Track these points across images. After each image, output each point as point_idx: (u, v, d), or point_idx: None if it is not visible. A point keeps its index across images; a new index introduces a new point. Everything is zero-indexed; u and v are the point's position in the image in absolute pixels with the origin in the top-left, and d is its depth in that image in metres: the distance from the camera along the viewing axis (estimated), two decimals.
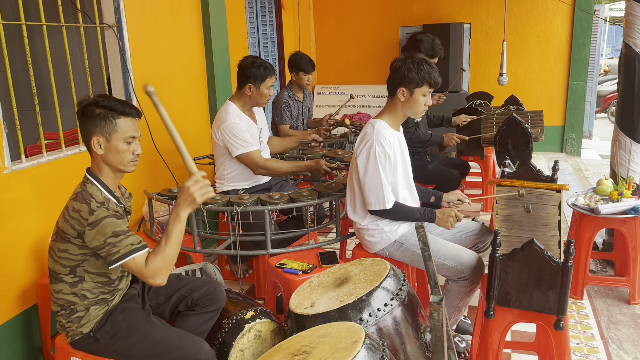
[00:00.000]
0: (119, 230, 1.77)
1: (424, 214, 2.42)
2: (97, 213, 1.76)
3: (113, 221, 1.77)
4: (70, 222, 1.79)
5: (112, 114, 1.83)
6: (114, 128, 1.83)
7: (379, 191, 2.38)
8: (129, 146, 1.87)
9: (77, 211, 1.78)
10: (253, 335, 2.03)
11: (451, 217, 2.39)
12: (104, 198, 1.83)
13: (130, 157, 1.88)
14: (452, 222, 2.39)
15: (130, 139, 1.87)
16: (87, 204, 1.77)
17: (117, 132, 1.84)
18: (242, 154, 3.01)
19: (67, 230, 1.80)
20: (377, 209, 2.41)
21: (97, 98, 1.85)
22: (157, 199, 2.81)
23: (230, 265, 3.44)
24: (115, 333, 1.87)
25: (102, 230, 1.75)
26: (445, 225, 2.41)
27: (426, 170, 3.71)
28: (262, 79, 3.02)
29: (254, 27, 5.36)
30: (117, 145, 1.84)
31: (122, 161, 1.87)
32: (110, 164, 1.87)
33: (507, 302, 2.04)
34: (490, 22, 6.57)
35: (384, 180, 2.36)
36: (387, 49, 6.83)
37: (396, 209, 2.41)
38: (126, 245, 1.76)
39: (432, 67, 2.39)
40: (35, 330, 2.56)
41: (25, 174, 2.48)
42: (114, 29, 3.06)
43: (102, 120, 1.82)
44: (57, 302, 1.90)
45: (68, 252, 1.83)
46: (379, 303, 1.82)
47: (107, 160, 1.87)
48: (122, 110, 1.85)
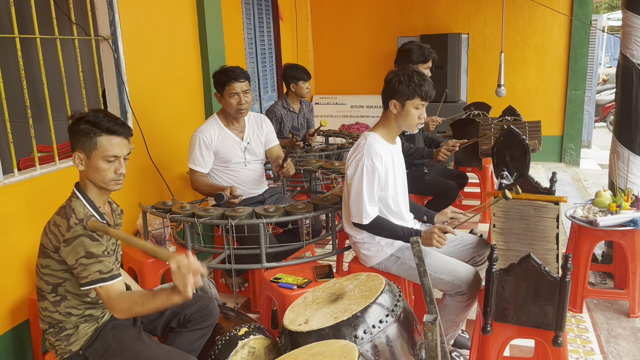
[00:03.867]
0: (92, 252, 1.74)
1: (407, 233, 2.34)
2: (73, 230, 1.73)
3: (87, 242, 1.74)
4: (49, 236, 1.77)
5: (95, 131, 1.79)
6: (93, 145, 1.80)
7: (360, 204, 2.35)
8: (109, 165, 1.82)
9: (57, 226, 1.76)
10: (247, 352, 2.00)
11: (435, 234, 2.25)
12: (85, 214, 1.79)
13: (111, 176, 1.83)
14: (437, 240, 2.26)
15: (112, 158, 1.82)
16: (66, 220, 1.75)
17: (96, 150, 1.80)
18: (189, 166, 3.05)
19: (47, 245, 1.79)
20: (355, 221, 2.39)
21: (87, 113, 1.83)
22: (152, 212, 2.78)
23: (226, 278, 3.40)
24: (105, 351, 1.84)
25: (75, 248, 1.73)
26: (430, 244, 2.28)
27: (423, 181, 3.69)
28: (222, 86, 2.98)
29: (251, 38, 5.36)
30: (96, 163, 1.81)
31: (103, 179, 1.83)
32: (91, 181, 1.85)
33: (505, 318, 2.01)
34: (487, 32, 6.57)
35: (365, 195, 2.33)
36: (385, 59, 6.83)
37: (375, 225, 2.36)
38: (94, 272, 1.73)
39: (423, 79, 2.35)
40: (26, 346, 2.52)
41: (17, 188, 2.46)
42: (109, 41, 3.04)
43: (83, 136, 1.79)
44: (44, 319, 1.87)
45: (50, 268, 1.81)
46: (374, 320, 1.79)
47: (88, 176, 1.84)
48: (107, 128, 1.80)
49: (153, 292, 1.74)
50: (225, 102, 3.02)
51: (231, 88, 2.97)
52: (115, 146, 1.82)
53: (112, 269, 1.77)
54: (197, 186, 3.05)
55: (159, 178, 3.42)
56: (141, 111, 3.28)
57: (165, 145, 3.58)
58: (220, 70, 3.01)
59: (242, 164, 3.13)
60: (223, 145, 3.05)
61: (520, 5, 6.35)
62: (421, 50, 3.57)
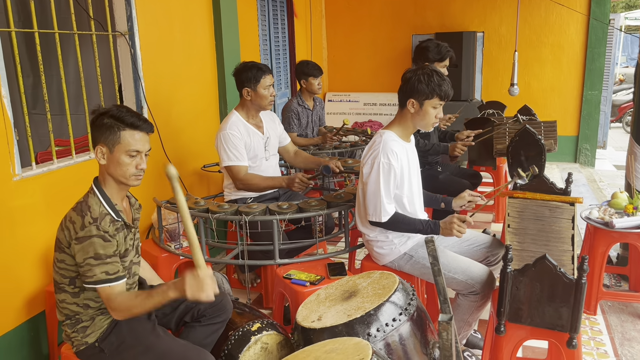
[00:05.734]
0: (101, 253, 1.75)
1: (426, 225, 2.36)
2: (87, 230, 1.75)
3: (99, 242, 1.75)
4: (64, 231, 1.80)
5: (119, 125, 1.81)
6: (117, 139, 1.82)
7: (377, 203, 2.34)
8: (132, 160, 1.84)
9: (72, 222, 1.78)
10: (259, 347, 2.01)
11: (455, 224, 2.28)
12: (100, 213, 1.80)
13: (132, 171, 1.85)
14: (457, 229, 2.28)
15: (134, 153, 1.84)
16: (81, 217, 1.77)
17: (120, 144, 1.82)
18: (228, 165, 3.01)
19: (62, 240, 1.81)
20: (373, 220, 2.38)
21: (110, 107, 1.85)
22: (166, 206, 2.80)
23: (239, 274, 3.42)
24: (120, 344, 1.86)
25: (85, 248, 1.74)
26: (450, 234, 2.30)
27: (437, 180, 3.67)
28: (256, 80, 3.01)
29: (265, 35, 5.37)
30: (118, 157, 1.82)
31: (124, 174, 1.84)
32: (112, 176, 1.86)
33: (519, 319, 2.00)
34: (503, 31, 6.52)
35: (382, 193, 2.33)
36: (399, 57, 6.81)
37: (394, 221, 2.36)
38: (101, 273, 1.75)
39: (442, 79, 2.35)
40: (42, 337, 2.55)
41: (35, 181, 2.49)
42: (126, 36, 3.07)
43: (107, 130, 1.81)
44: (62, 311, 1.90)
45: (65, 263, 1.83)
46: (387, 318, 1.79)
47: (109, 171, 1.85)
48: (131, 122, 1.82)
49: (149, 292, 1.77)
50: (257, 96, 3.03)
51: (266, 80, 3.02)
52: (137, 141, 1.84)
53: (118, 271, 1.79)
54: (251, 181, 3.01)
55: None
56: (157, 107, 3.31)
57: (180, 142, 3.60)
58: (249, 66, 3.03)
59: (264, 159, 3.15)
60: (251, 139, 3.07)
61: (537, 3, 6.29)
62: (438, 48, 3.55)
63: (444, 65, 3.66)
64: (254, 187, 3.04)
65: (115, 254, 1.81)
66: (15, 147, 2.37)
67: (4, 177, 2.33)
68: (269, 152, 3.19)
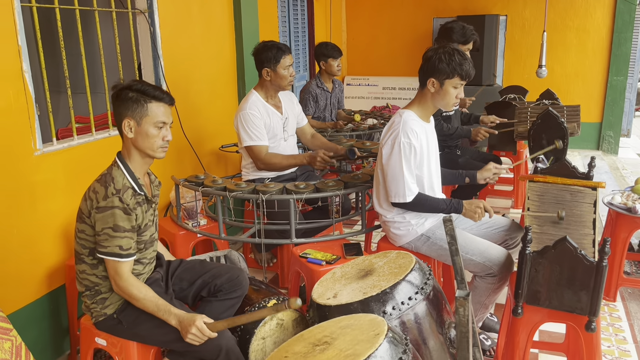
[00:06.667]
0: (120, 225, 1.79)
1: (449, 205, 2.35)
2: (109, 200, 1.77)
3: (120, 214, 1.78)
4: (86, 201, 1.83)
5: (144, 98, 1.84)
6: (145, 112, 1.84)
7: (400, 183, 2.32)
8: (159, 131, 1.87)
9: (95, 192, 1.81)
10: (275, 323, 2.02)
11: (479, 208, 2.31)
12: (123, 185, 1.83)
13: (159, 143, 1.88)
14: (479, 214, 2.31)
15: (161, 124, 1.87)
16: (105, 188, 1.79)
17: (147, 116, 1.84)
18: (248, 145, 3.00)
19: (83, 210, 1.84)
20: (397, 201, 2.36)
21: (131, 82, 1.87)
22: (184, 185, 2.82)
23: (255, 253, 3.44)
24: (138, 316, 1.88)
25: (106, 218, 1.77)
26: (472, 217, 2.32)
27: (456, 164, 3.63)
28: (276, 60, 2.99)
29: (285, 16, 5.33)
30: (147, 129, 1.85)
31: (152, 146, 1.87)
32: (139, 148, 1.88)
33: (537, 301, 1.97)
34: (527, 14, 6.38)
35: (405, 173, 2.30)
36: (419, 40, 6.71)
37: (418, 201, 2.35)
38: (115, 246, 1.79)
39: (464, 58, 2.30)
40: (62, 310, 2.60)
41: (56, 156, 2.52)
42: (145, 14, 3.07)
43: (134, 103, 1.83)
44: (82, 282, 1.93)
45: (85, 233, 1.86)
46: (403, 297, 1.78)
47: (137, 144, 1.87)
48: (154, 95, 1.85)
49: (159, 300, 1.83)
50: (277, 76, 3.01)
51: (286, 60, 3.00)
52: (163, 113, 1.87)
53: (131, 248, 1.82)
54: (272, 160, 3.00)
55: (191, 153, 3.46)
56: (175, 86, 3.31)
57: (198, 121, 3.61)
58: (269, 46, 3.00)
59: (282, 139, 3.14)
60: (270, 119, 3.06)
61: None
62: (463, 30, 3.49)
63: (467, 49, 3.60)
64: (276, 166, 3.03)
65: (132, 229, 1.83)
66: (37, 123, 2.39)
67: (26, 152, 2.36)
68: (287, 133, 3.18)
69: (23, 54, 2.29)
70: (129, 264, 1.84)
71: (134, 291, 1.82)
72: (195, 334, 1.77)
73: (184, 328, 1.79)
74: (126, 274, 1.82)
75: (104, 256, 1.80)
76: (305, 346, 1.57)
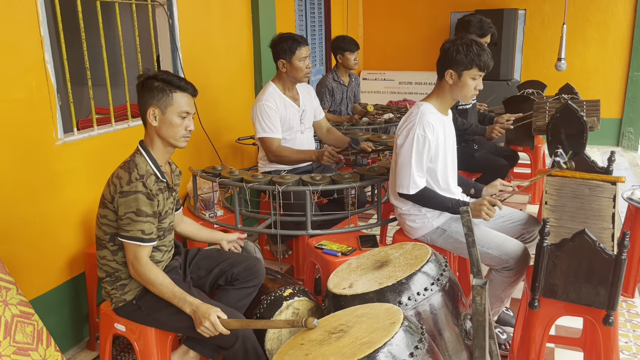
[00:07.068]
0: (143, 210, 1.81)
1: (455, 205, 2.30)
2: (133, 185, 1.81)
3: (143, 199, 1.81)
4: (110, 187, 1.86)
5: (170, 88, 1.87)
6: (169, 101, 1.87)
7: (406, 174, 2.31)
8: (182, 121, 1.90)
9: (119, 178, 1.84)
10: (291, 312, 2.03)
11: (484, 206, 2.24)
12: (146, 171, 1.86)
13: (182, 132, 1.92)
14: (486, 212, 2.24)
15: (184, 114, 1.90)
16: (128, 173, 1.83)
17: (172, 106, 1.88)
18: (261, 137, 3.01)
19: (106, 195, 1.87)
20: (401, 191, 2.36)
21: (157, 72, 1.91)
22: (202, 176, 2.85)
23: (270, 245, 3.46)
24: (157, 303, 1.91)
25: (129, 202, 1.80)
26: (480, 216, 2.26)
27: (473, 158, 3.61)
28: (292, 52, 2.99)
29: (302, 10, 5.33)
30: (171, 118, 1.88)
31: (175, 135, 1.90)
32: (162, 137, 1.91)
33: (554, 294, 1.96)
34: (546, 8, 6.30)
35: (413, 165, 2.29)
36: (436, 35, 6.67)
37: (422, 196, 2.33)
38: (137, 230, 1.81)
39: (482, 48, 2.29)
40: (82, 297, 2.65)
41: (76, 146, 2.56)
42: (164, 6, 3.10)
43: (160, 92, 1.87)
44: (102, 268, 1.96)
45: (107, 219, 1.89)
46: (418, 287, 1.78)
47: (160, 132, 1.90)
48: (179, 85, 1.89)
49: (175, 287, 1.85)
50: (293, 68, 3.02)
51: (302, 52, 3.00)
52: (187, 103, 1.91)
53: (152, 233, 1.85)
54: (282, 153, 3.01)
55: (209, 145, 3.49)
56: (193, 78, 3.30)
57: (215, 113, 3.63)
58: (285, 37, 3.01)
59: (299, 132, 3.15)
60: (286, 112, 3.07)
61: None
62: (481, 23, 3.47)
63: (485, 42, 3.57)
64: (286, 159, 3.05)
65: (154, 214, 1.86)
66: (58, 113, 2.43)
67: (47, 141, 2.40)
68: (304, 125, 3.19)
69: (45, 45, 2.33)
70: (148, 249, 1.87)
71: (152, 276, 1.84)
72: (208, 328, 1.79)
73: (198, 318, 1.81)
74: (145, 259, 1.85)
75: (125, 240, 1.83)
76: (322, 334, 1.58)
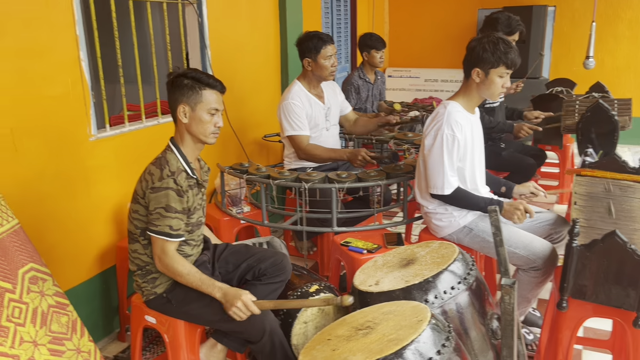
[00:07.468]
0: (172, 206, 1.85)
1: (489, 204, 2.30)
2: (164, 181, 1.85)
3: (172, 196, 1.85)
4: (142, 183, 1.90)
5: (199, 85, 1.91)
6: (199, 98, 1.91)
7: (439, 175, 2.31)
8: (211, 117, 1.94)
9: (151, 174, 1.88)
10: (317, 308, 2.06)
11: (519, 211, 2.26)
12: (177, 168, 1.90)
13: (211, 129, 1.95)
14: (519, 216, 2.26)
15: (214, 111, 1.94)
16: (160, 170, 1.87)
17: (201, 103, 1.91)
18: (290, 135, 3.03)
19: (138, 191, 1.92)
20: (435, 193, 2.36)
21: (186, 70, 1.95)
22: (229, 172, 2.89)
23: (295, 242, 3.49)
24: (186, 296, 1.95)
25: (159, 198, 1.84)
26: (511, 218, 2.28)
27: (500, 157, 3.58)
28: (317, 50, 3.00)
29: (327, 7, 5.34)
30: (200, 115, 1.92)
31: (204, 132, 1.94)
32: (192, 134, 1.95)
33: (582, 295, 1.94)
34: (577, 5, 6.18)
35: (446, 165, 2.29)
36: (463, 32, 6.59)
37: (456, 196, 2.33)
38: (165, 225, 1.85)
39: (509, 46, 2.27)
40: (112, 290, 2.72)
41: (109, 142, 2.62)
42: (194, 5, 3.14)
43: (189, 90, 1.90)
44: (134, 261, 2.01)
45: (138, 213, 1.94)
46: (445, 286, 1.79)
47: (190, 129, 1.94)
48: (208, 83, 1.92)
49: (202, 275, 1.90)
50: (318, 66, 3.04)
51: (327, 51, 3.02)
52: (215, 100, 1.94)
53: (180, 229, 1.89)
54: (313, 151, 3.04)
55: (235, 141, 3.53)
56: (221, 75, 3.32)
57: (242, 111, 3.67)
58: (311, 36, 3.03)
59: (324, 129, 3.18)
60: (312, 109, 3.09)
61: None
62: (509, 20, 3.42)
63: (513, 40, 3.53)
64: (317, 157, 3.07)
65: (183, 211, 1.90)
66: (92, 109, 2.50)
67: (82, 137, 2.47)
68: (329, 122, 3.21)
69: (80, 43, 2.40)
70: (175, 244, 1.90)
71: (179, 267, 1.88)
72: (240, 308, 1.82)
73: (229, 301, 1.84)
74: (171, 252, 1.89)
75: (153, 234, 1.87)
76: (348, 330, 1.60)
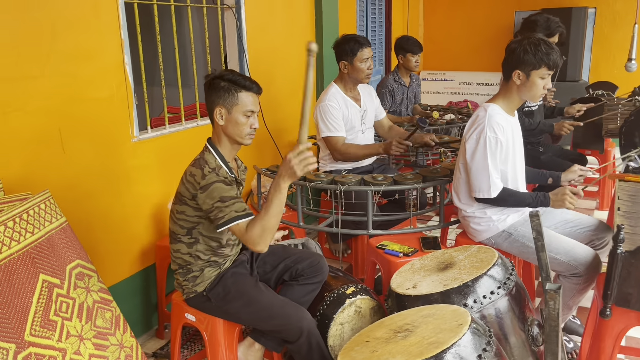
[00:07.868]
0: (226, 196, 1.85)
1: (536, 198, 2.29)
2: (207, 178, 1.87)
3: (221, 186, 1.86)
4: (186, 185, 1.93)
5: (235, 87, 1.93)
6: (235, 101, 1.93)
7: (485, 178, 2.29)
8: (247, 119, 1.96)
9: (193, 175, 1.91)
10: (353, 310, 2.06)
11: (567, 196, 2.24)
12: (217, 165, 1.93)
13: (247, 130, 1.97)
14: (569, 200, 2.23)
15: (249, 113, 1.96)
16: (200, 169, 1.89)
17: (237, 105, 1.94)
18: (326, 136, 3.04)
19: (183, 193, 1.94)
20: (481, 196, 2.33)
21: (223, 72, 1.97)
22: (265, 174, 2.92)
23: (330, 244, 3.50)
24: (226, 295, 1.99)
25: (211, 194, 1.86)
26: (562, 205, 2.25)
27: (539, 161, 3.51)
28: (353, 53, 3.01)
29: (362, 10, 5.35)
30: (236, 117, 1.94)
31: (240, 133, 1.96)
32: (228, 135, 1.98)
33: (627, 303, 1.89)
34: (618, 7, 6.02)
35: (491, 168, 2.27)
36: (500, 34, 6.51)
37: (503, 196, 2.31)
38: (230, 212, 1.84)
39: (551, 47, 2.25)
40: (152, 288, 2.78)
41: (150, 143, 2.69)
42: (233, 9, 3.20)
43: (226, 92, 1.93)
44: (175, 260, 2.06)
45: (185, 214, 1.97)
46: (484, 290, 1.77)
47: (227, 131, 1.97)
48: (244, 85, 1.94)
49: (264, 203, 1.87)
50: (354, 69, 3.05)
51: (363, 54, 3.03)
52: (251, 102, 1.96)
53: (246, 208, 1.88)
54: (348, 150, 3.04)
55: (271, 144, 3.57)
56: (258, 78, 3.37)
57: (278, 114, 3.71)
58: (348, 39, 3.05)
59: (360, 131, 3.19)
60: (348, 112, 3.11)
61: None
62: (548, 22, 3.36)
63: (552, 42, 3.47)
64: (352, 155, 3.07)
65: (237, 196, 1.90)
66: (135, 111, 2.57)
67: (125, 138, 2.54)
68: (365, 125, 3.22)
69: (125, 47, 2.47)
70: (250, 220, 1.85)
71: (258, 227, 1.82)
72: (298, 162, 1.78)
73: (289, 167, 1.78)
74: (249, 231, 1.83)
75: (225, 226, 1.84)
76: (387, 332, 1.60)
